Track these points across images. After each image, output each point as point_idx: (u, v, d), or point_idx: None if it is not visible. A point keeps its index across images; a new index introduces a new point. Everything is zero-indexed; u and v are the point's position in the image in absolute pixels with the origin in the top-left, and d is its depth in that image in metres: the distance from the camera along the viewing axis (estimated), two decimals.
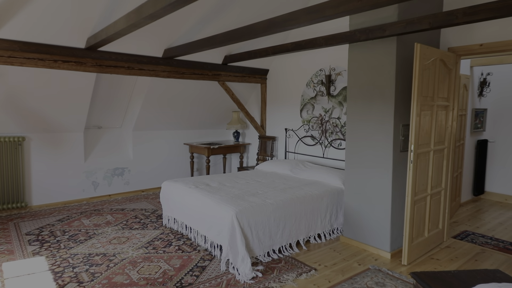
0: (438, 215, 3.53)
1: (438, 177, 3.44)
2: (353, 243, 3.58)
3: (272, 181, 4.17)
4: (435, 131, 3.27)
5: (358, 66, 3.41)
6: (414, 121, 2.96)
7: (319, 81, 4.94)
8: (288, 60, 5.48)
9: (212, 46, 3.70)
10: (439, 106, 3.29)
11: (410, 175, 3.02)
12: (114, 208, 4.74)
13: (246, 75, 5.55)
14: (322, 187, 3.84)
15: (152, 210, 4.66)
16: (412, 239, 3.16)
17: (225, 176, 4.44)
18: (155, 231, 3.88)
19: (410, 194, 3.04)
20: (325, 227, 3.70)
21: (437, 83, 3.21)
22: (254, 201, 3.26)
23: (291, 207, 3.36)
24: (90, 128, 5.26)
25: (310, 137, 5.14)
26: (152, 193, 5.66)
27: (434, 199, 3.42)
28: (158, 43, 4.30)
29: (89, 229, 3.93)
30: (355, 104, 3.48)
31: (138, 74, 4.40)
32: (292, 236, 3.38)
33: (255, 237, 3.08)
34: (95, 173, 5.22)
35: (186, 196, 3.64)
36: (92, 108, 4.97)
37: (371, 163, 3.36)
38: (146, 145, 5.71)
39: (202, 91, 5.52)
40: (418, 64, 2.90)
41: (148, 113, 5.34)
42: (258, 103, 6.13)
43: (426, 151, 3.19)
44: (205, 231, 3.32)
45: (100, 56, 4.05)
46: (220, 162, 6.66)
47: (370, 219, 3.42)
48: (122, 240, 3.61)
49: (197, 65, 4.90)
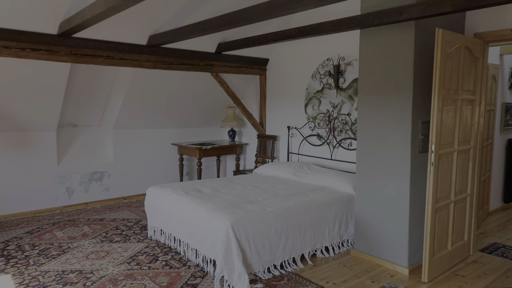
0: (463, 225, 3.53)
1: (462, 181, 3.44)
2: (366, 257, 3.57)
3: (272, 186, 4.17)
4: (459, 129, 3.27)
5: (371, 55, 3.41)
6: (435, 118, 2.96)
7: (326, 72, 4.94)
8: (291, 48, 5.47)
9: (204, 32, 3.69)
10: (463, 101, 3.29)
11: (430, 180, 3.02)
12: (92, 218, 4.73)
13: (243, 66, 5.55)
14: (330, 193, 3.84)
15: (135, 220, 4.65)
16: (434, 253, 3.16)
17: (219, 181, 4.44)
18: (139, 244, 3.87)
19: (431, 201, 3.04)
20: (334, 239, 3.69)
21: (462, 74, 3.21)
22: (252, 210, 3.25)
23: (294, 216, 3.36)
24: (64, 126, 5.24)
25: (316, 136, 5.14)
26: (136, 200, 5.65)
27: (458, 207, 3.41)
28: (142, 28, 4.30)
29: (62, 242, 3.91)
30: (367, 98, 3.48)
31: (119, 65, 4.39)
32: (295, 249, 3.37)
33: (254, 250, 3.07)
34: (69, 178, 5.21)
35: (174, 204, 3.63)
36: (66, 104, 4.95)
37: (386, 165, 3.36)
38: (129, 145, 5.70)
39: (193, 84, 5.51)
40: (439, 52, 2.90)
41: (131, 109, 5.33)
42: (257, 98, 6.13)
43: (449, 152, 3.19)
44: (196, 244, 3.31)
45: (75, 43, 4.04)
46: (214, 165, 6.65)
47: (385, 230, 3.42)
48: (101, 254, 3.59)
49: (186, 54, 4.89)
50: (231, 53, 5.32)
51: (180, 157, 6.08)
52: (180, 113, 5.91)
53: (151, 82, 5.11)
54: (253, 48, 5.41)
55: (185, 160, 6.30)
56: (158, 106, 5.56)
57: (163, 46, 4.63)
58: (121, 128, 5.56)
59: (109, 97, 5.31)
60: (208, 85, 5.67)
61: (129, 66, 4.47)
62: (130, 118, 5.49)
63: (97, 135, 5.59)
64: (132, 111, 5.38)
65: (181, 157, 6.08)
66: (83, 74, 4.81)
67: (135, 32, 4.30)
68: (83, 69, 4.73)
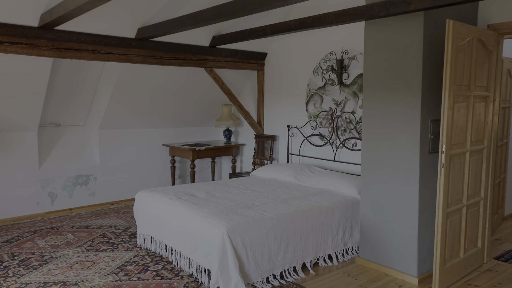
0: (476, 231, 3.53)
1: (476, 184, 3.44)
2: (372, 266, 3.57)
3: (271, 190, 4.16)
4: (471, 128, 3.27)
5: (377, 49, 3.41)
6: (446, 116, 2.96)
7: (329, 67, 4.94)
8: (290, 41, 5.47)
9: (198, 24, 3.68)
10: (476, 97, 3.29)
11: (441, 182, 3.02)
12: (77, 225, 4.70)
13: (239, 60, 5.54)
14: (333, 197, 3.84)
15: (123, 227, 4.63)
16: (445, 261, 3.16)
17: (214, 184, 4.43)
18: (128, 253, 3.85)
19: (442, 205, 3.04)
20: (337, 247, 3.69)
21: (474, 68, 3.21)
22: (250, 215, 3.25)
23: (295, 222, 3.35)
24: (46, 126, 5.22)
25: (318, 136, 5.14)
26: (124, 206, 5.63)
27: (471, 212, 3.42)
28: (130, 20, 4.28)
29: (45, 251, 3.89)
30: (373, 95, 3.48)
31: (105, 60, 4.38)
32: (296, 257, 3.37)
33: (252, 259, 3.06)
34: (52, 182, 5.18)
35: (166, 209, 3.62)
36: (48, 102, 4.93)
37: (394, 167, 3.36)
38: (116, 147, 5.68)
39: (185, 80, 5.50)
40: (450, 45, 2.90)
41: (118, 108, 5.32)
42: (254, 95, 6.12)
43: (460, 153, 3.19)
44: (189, 252, 3.30)
45: (57, 36, 4.02)
46: (208, 167, 6.64)
47: (393, 237, 3.41)
48: (87, 265, 3.58)
49: (178, 48, 4.88)
50: (226, 46, 5.31)
51: (172, 159, 6.06)
52: (171, 112, 5.90)
53: (140, 78, 5.10)
54: (250, 42, 5.41)
55: (177, 162, 6.29)
56: (148, 104, 5.54)
57: (153, 39, 4.62)
58: (108, 128, 5.54)
59: (95, 95, 5.29)
60: (201, 82, 5.66)
61: (116, 61, 4.46)
62: (117, 117, 5.47)
63: (82, 136, 5.56)
64: (119, 110, 5.37)
65: (173, 159, 6.06)
66: (66, 70, 4.79)
67: (122, 24, 4.28)
68: (67, 64, 4.71)
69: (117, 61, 4.47)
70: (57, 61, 4.55)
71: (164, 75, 5.25)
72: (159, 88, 5.40)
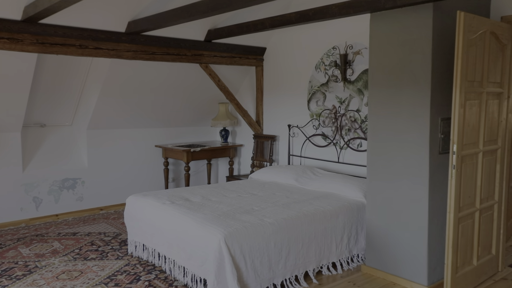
0: (490, 237, 3.53)
1: (489, 186, 3.44)
2: (379, 275, 3.57)
3: (271, 193, 4.16)
4: (484, 127, 3.27)
5: (383, 43, 3.41)
6: (457, 114, 2.96)
7: (332, 63, 4.95)
8: (291, 35, 5.48)
9: (192, 17, 3.68)
10: (490, 94, 3.30)
11: (452, 185, 3.02)
12: (63, 232, 4.70)
13: (236, 56, 5.54)
14: (337, 201, 3.84)
15: (113, 234, 4.63)
16: (457, 269, 3.16)
17: (210, 188, 4.43)
18: (118, 261, 3.85)
19: (453, 209, 3.04)
20: (342, 254, 3.69)
21: (487, 63, 3.21)
22: (248, 221, 3.25)
23: (297, 227, 3.36)
24: (31, 126, 5.21)
25: (321, 136, 5.14)
26: (114, 211, 5.63)
27: (484, 216, 3.42)
28: (120, 13, 4.28)
29: (29, 260, 3.88)
30: (379, 92, 3.48)
31: (93, 55, 4.38)
32: (298, 266, 3.37)
33: (250, 268, 3.06)
34: (37, 186, 5.18)
35: (158, 215, 3.62)
36: (32, 100, 4.93)
37: (401, 169, 3.36)
38: (105, 148, 5.68)
39: (179, 77, 5.50)
40: (461, 38, 2.90)
41: (108, 107, 5.32)
42: (253, 92, 6.12)
43: (473, 153, 3.19)
44: (184, 261, 3.30)
45: (42, 31, 4.02)
46: (204, 169, 6.64)
47: (401, 243, 3.42)
48: (74, 274, 3.57)
49: (171, 43, 4.88)
50: (222, 41, 5.31)
51: (165, 161, 6.06)
52: (164, 111, 5.89)
53: (131, 75, 5.10)
54: (248, 36, 5.41)
55: (170, 165, 6.28)
56: (140, 103, 5.54)
57: (144, 33, 4.62)
58: (97, 128, 5.54)
59: (83, 93, 5.29)
60: (196, 78, 5.66)
61: (105, 56, 4.45)
62: (106, 117, 5.47)
63: (68, 137, 5.56)
64: (109, 109, 5.36)
65: (166, 161, 6.06)
66: (52, 66, 4.79)
67: (112, 17, 4.28)
68: (52, 60, 4.71)
69: (106, 57, 4.46)
70: (42, 57, 4.54)
71: (156, 72, 5.25)
72: (151, 85, 5.39)
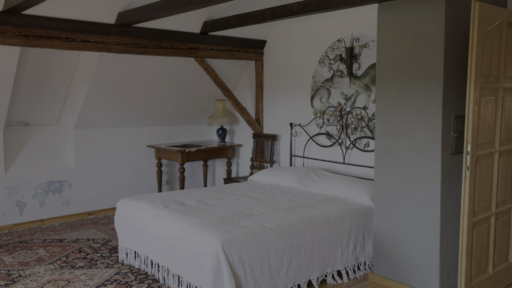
0: (507, 244, 3.53)
1: (506, 189, 3.44)
2: (387, 284, 3.57)
3: (272, 197, 4.16)
4: (501, 125, 3.27)
5: (392, 35, 3.41)
6: (471, 111, 2.96)
7: (337, 57, 4.94)
8: (293, 27, 5.47)
9: (186, 8, 3.67)
10: (506, 90, 3.30)
11: (466, 187, 3.01)
12: (49, 239, 4.69)
13: (234, 49, 5.54)
14: (342, 205, 3.83)
15: (103, 241, 4.62)
16: (471, 278, 3.15)
17: (206, 191, 4.43)
18: (108, 270, 3.84)
19: (467, 214, 3.03)
20: (348, 261, 3.69)
21: (504, 57, 3.21)
22: (247, 226, 3.24)
23: (299, 233, 3.35)
24: (13, 125, 5.21)
25: (325, 135, 5.14)
26: (103, 216, 5.62)
27: (501, 221, 3.42)
28: (109, 4, 4.28)
29: (12, 269, 3.87)
30: (387, 88, 3.47)
31: (81, 49, 4.37)
32: (301, 274, 3.37)
33: (250, 276, 3.06)
34: (20, 190, 5.17)
35: (151, 220, 3.62)
36: (15, 97, 4.92)
37: (412, 170, 3.36)
38: (94, 148, 5.67)
39: (173, 72, 5.50)
40: (476, 30, 2.89)
41: (96, 104, 5.31)
42: (252, 88, 6.12)
43: (488, 153, 3.19)
44: (179, 269, 3.30)
45: (26, 22, 4.01)
46: (200, 171, 6.64)
47: (411, 250, 3.41)
48: (61, 284, 3.57)
49: (165, 35, 4.87)
50: (220, 33, 5.31)
51: (158, 162, 6.05)
52: (157, 108, 5.89)
53: (121, 70, 5.09)
54: (247, 28, 5.41)
55: (164, 166, 6.28)
56: (130, 100, 5.53)
57: (135, 25, 4.61)
58: (84, 127, 5.53)
59: (69, 89, 5.29)
60: (192, 74, 5.65)
61: (93, 50, 4.45)
62: (95, 115, 5.46)
63: (54, 136, 5.55)
64: (97, 106, 5.36)
65: (159, 162, 6.05)
66: (36, 61, 4.78)
67: (100, 8, 4.28)
68: (36, 54, 4.70)
69: (94, 51, 4.45)
70: (25, 50, 4.53)
71: (148, 67, 5.24)
72: (143, 81, 5.39)
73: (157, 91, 5.62)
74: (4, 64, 4.29)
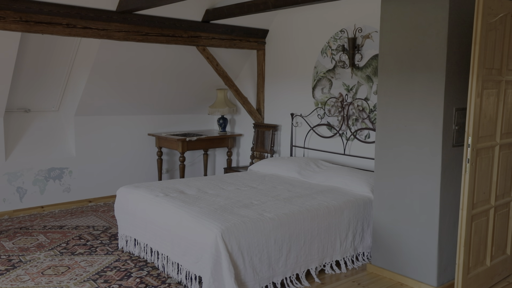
0: (505, 236, 3.54)
1: (506, 182, 3.44)
2: (385, 274, 3.59)
3: (272, 187, 4.17)
4: (502, 118, 3.27)
5: (395, 26, 3.39)
6: (473, 104, 2.95)
7: (339, 47, 4.92)
8: (296, 16, 5.44)
9: None
10: (509, 83, 3.29)
11: (466, 180, 3.02)
12: (49, 225, 4.71)
13: (236, 38, 5.51)
14: (342, 196, 3.85)
15: (103, 228, 4.64)
16: (469, 270, 3.17)
17: (206, 180, 4.44)
18: (108, 257, 3.87)
19: (466, 206, 3.04)
20: (347, 252, 3.71)
21: (507, 49, 3.20)
22: (247, 215, 3.26)
23: (298, 223, 3.36)
24: (14, 111, 5.20)
25: (326, 126, 5.14)
26: (104, 203, 5.64)
27: (500, 214, 3.43)
28: None
29: (12, 255, 3.90)
30: (389, 79, 3.47)
31: (82, 35, 4.36)
32: (300, 264, 3.39)
33: (249, 265, 3.08)
34: (21, 176, 5.18)
35: (151, 208, 3.63)
36: (16, 84, 4.91)
37: (412, 162, 3.36)
38: (95, 136, 5.67)
39: (174, 60, 5.48)
40: (480, 22, 2.88)
41: (97, 91, 5.30)
42: (254, 78, 6.10)
43: (489, 146, 3.19)
44: (178, 257, 3.32)
45: (26, 8, 3.99)
46: (200, 160, 6.64)
47: (410, 241, 3.43)
48: (61, 270, 3.59)
49: (166, 23, 4.85)
50: (221, 22, 5.28)
51: (159, 150, 6.06)
52: (158, 97, 5.88)
53: (122, 58, 5.08)
54: (249, 17, 5.37)
55: (164, 155, 6.28)
56: (131, 88, 5.52)
57: (137, 12, 4.59)
58: (85, 114, 5.53)
59: (70, 76, 5.27)
60: (193, 62, 5.64)
61: (94, 37, 4.43)
62: (96, 102, 5.46)
63: (55, 123, 5.55)
64: (98, 94, 5.35)
65: (159, 150, 6.05)
66: (37, 47, 4.77)
67: None
68: (37, 40, 4.69)
69: (95, 38, 4.44)
70: (25, 36, 4.52)
71: (150, 55, 5.22)
72: (144, 69, 5.37)
73: (158, 79, 5.61)
74: (4, 50, 4.28)
